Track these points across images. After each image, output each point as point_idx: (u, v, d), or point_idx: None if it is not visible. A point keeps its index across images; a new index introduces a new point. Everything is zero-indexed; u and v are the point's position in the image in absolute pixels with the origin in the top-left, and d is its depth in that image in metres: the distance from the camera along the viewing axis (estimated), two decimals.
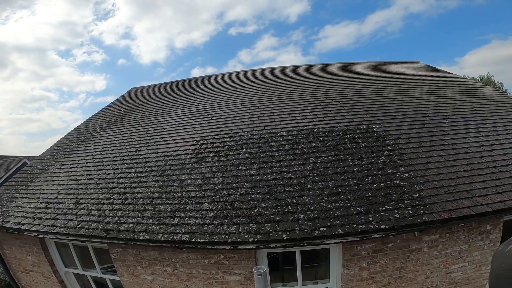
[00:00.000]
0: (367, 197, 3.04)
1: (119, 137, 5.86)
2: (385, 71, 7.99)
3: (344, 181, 3.32)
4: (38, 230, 3.60)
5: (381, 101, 5.53)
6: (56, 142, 6.80)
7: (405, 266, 2.97)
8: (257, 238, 2.72)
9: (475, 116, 4.84)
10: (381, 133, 4.25)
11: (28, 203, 4.37)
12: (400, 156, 3.68)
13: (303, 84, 7.13)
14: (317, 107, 5.37)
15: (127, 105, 8.26)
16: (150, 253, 3.35)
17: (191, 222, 3.08)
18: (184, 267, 3.25)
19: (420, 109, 5.09)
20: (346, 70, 8.31)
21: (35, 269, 4.38)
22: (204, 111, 6.22)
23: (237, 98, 6.67)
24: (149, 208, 3.46)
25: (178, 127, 5.63)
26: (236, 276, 3.11)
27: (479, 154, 3.67)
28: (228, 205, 3.22)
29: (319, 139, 4.23)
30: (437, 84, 6.67)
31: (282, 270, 3.45)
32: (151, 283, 3.45)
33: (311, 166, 3.64)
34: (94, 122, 7.46)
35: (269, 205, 3.11)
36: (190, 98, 7.50)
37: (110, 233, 3.18)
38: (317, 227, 2.70)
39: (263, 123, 4.99)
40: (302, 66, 9.37)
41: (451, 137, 4.10)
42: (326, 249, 3.08)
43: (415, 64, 9.11)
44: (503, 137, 4.10)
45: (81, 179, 4.58)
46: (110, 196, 3.90)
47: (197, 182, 3.75)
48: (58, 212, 3.85)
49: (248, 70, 9.75)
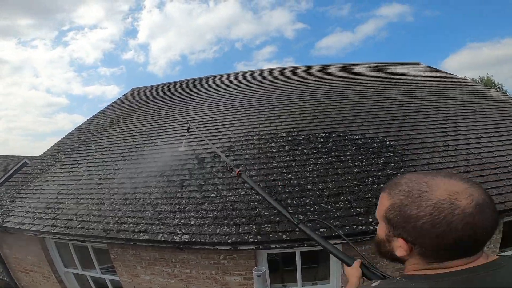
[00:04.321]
0: (367, 198, 3.03)
1: (120, 137, 5.86)
2: (386, 72, 7.99)
3: (344, 182, 3.32)
4: (38, 230, 3.60)
5: (382, 102, 5.53)
6: (57, 142, 6.81)
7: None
8: (257, 239, 2.72)
9: (476, 117, 4.84)
10: (381, 134, 4.25)
11: (28, 203, 4.37)
12: (400, 157, 3.68)
13: (304, 85, 7.13)
14: (318, 108, 5.37)
15: (128, 106, 8.26)
16: (150, 254, 3.34)
17: (191, 222, 3.08)
18: (184, 268, 3.24)
19: (420, 110, 5.09)
20: (346, 71, 8.31)
21: (35, 269, 4.38)
22: (205, 111, 6.22)
23: (237, 99, 6.67)
24: (149, 208, 3.46)
25: (179, 127, 5.64)
26: (236, 276, 3.11)
27: (479, 155, 3.67)
28: (228, 206, 3.22)
29: (319, 140, 4.23)
30: (437, 85, 6.67)
31: (282, 271, 3.44)
32: (151, 284, 3.44)
33: (311, 167, 3.64)
34: (95, 122, 7.47)
35: (269, 206, 3.11)
36: (191, 99, 7.50)
37: (110, 233, 3.18)
38: (317, 228, 2.70)
39: (263, 123, 4.99)
40: (303, 67, 9.37)
41: (451, 138, 4.10)
42: None
43: (415, 65, 9.11)
44: (503, 138, 4.10)
45: (81, 179, 4.59)
46: (110, 196, 3.90)
47: (197, 182, 3.75)
48: (58, 212, 3.86)
49: (248, 71, 9.75)
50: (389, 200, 0.64)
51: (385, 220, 0.65)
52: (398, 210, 0.61)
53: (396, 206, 0.61)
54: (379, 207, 0.68)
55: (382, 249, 0.70)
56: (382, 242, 0.69)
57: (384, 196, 0.66)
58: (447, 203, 0.55)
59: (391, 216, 0.63)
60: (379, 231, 0.70)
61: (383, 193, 0.68)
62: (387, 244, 0.67)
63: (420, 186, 0.59)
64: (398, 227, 0.62)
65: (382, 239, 0.69)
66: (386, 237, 0.67)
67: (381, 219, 0.67)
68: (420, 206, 0.57)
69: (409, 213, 0.58)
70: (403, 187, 0.62)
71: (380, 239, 0.70)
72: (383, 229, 0.67)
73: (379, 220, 0.69)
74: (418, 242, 0.59)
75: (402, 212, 0.60)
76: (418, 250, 0.60)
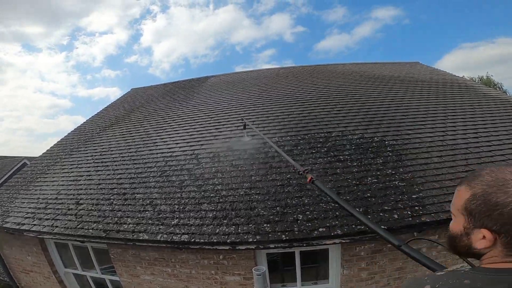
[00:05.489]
0: (366, 197, 3.04)
1: (119, 138, 5.87)
2: (385, 72, 8.00)
3: (343, 181, 3.33)
4: (38, 231, 3.61)
5: (381, 102, 5.53)
6: (56, 142, 6.81)
7: (404, 266, 2.98)
8: (256, 239, 2.72)
9: (474, 116, 4.84)
10: (380, 134, 4.26)
11: (28, 203, 4.37)
12: (399, 157, 3.68)
13: (304, 85, 7.14)
14: (317, 108, 5.38)
15: (127, 106, 8.26)
16: (150, 254, 3.35)
17: (190, 222, 3.09)
18: (184, 268, 3.25)
19: (420, 110, 5.09)
20: (345, 71, 8.31)
21: (35, 270, 4.39)
22: (204, 111, 6.23)
23: (236, 99, 6.67)
24: (149, 208, 3.46)
25: (178, 127, 5.64)
26: (235, 276, 3.11)
27: (477, 154, 3.67)
28: (227, 206, 3.23)
29: (318, 140, 4.23)
30: (436, 84, 6.67)
31: (282, 271, 3.45)
32: (151, 284, 3.45)
33: (310, 167, 3.64)
34: (94, 123, 7.47)
35: (268, 206, 3.12)
36: (190, 99, 7.50)
37: (109, 233, 3.19)
38: (316, 228, 2.71)
39: (262, 123, 5.00)
40: (302, 67, 9.37)
41: (450, 138, 4.10)
42: (325, 250, 3.09)
43: (414, 65, 9.12)
44: (502, 137, 4.10)
45: (81, 180, 4.59)
46: (110, 196, 3.91)
47: (196, 182, 3.76)
48: (58, 212, 3.86)
49: (248, 71, 9.75)
50: (470, 191, 0.64)
51: (465, 211, 0.65)
52: (481, 199, 0.61)
53: (479, 195, 0.62)
54: (456, 200, 0.68)
55: (458, 243, 0.69)
56: (459, 236, 0.68)
57: (462, 188, 0.67)
58: None
59: (473, 206, 0.63)
60: (454, 226, 0.69)
61: (460, 187, 0.68)
62: (465, 238, 0.66)
63: (505, 175, 0.60)
64: (481, 217, 0.61)
65: (459, 233, 0.68)
66: (465, 230, 0.66)
67: (459, 212, 0.67)
68: (507, 192, 0.58)
69: (495, 200, 0.59)
70: (485, 178, 0.63)
71: (455, 233, 0.69)
72: (461, 222, 0.67)
73: (456, 214, 0.69)
74: (505, 230, 0.59)
75: (487, 200, 0.60)
76: (503, 240, 0.60)
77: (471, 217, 0.63)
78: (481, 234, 0.62)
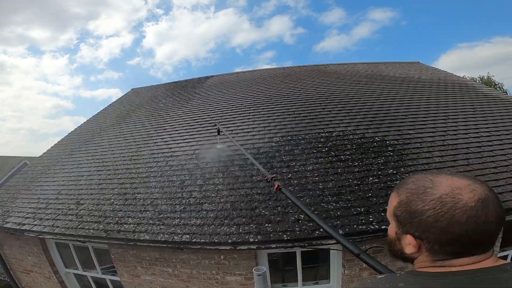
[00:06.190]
0: (367, 197, 3.04)
1: (120, 138, 5.86)
2: (385, 72, 7.99)
3: (344, 181, 3.32)
4: (38, 231, 3.60)
5: (382, 101, 5.52)
6: (57, 142, 6.81)
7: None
8: (258, 239, 2.72)
9: (476, 116, 4.83)
10: (381, 134, 4.25)
11: (29, 203, 4.37)
12: (400, 157, 3.68)
13: (305, 85, 7.13)
14: (318, 108, 5.37)
15: (128, 106, 8.26)
16: (151, 254, 3.35)
17: (191, 222, 3.08)
18: (185, 268, 3.24)
19: (420, 110, 5.08)
20: (346, 71, 8.31)
21: (36, 270, 4.38)
22: (205, 111, 6.22)
23: (237, 99, 6.67)
24: (150, 208, 3.46)
25: (179, 127, 5.64)
26: (236, 276, 3.11)
27: (479, 154, 3.67)
28: (228, 206, 3.22)
29: (319, 139, 4.23)
30: (437, 84, 6.67)
31: (283, 271, 3.45)
32: (152, 284, 3.45)
33: (311, 167, 3.64)
34: (95, 123, 7.47)
35: (270, 206, 3.11)
36: (191, 99, 7.50)
37: (110, 233, 3.18)
38: (318, 228, 2.70)
39: (263, 123, 4.99)
40: (303, 67, 9.35)
41: (451, 137, 4.09)
42: (327, 250, 3.08)
43: (415, 64, 9.11)
44: (503, 137, 4.09)
45: (81, 180, 4.59)
46: (110, 196, 3.91)
47: (197, 182, 3.76)
48: (58, 212, 3.86)
49: (249, 71, 9.74)
50: (397, 198, 0.67)
51: (395, 217, 0.67)
52: (404, 206, 0.64)
53: (403, 202, 0.64)
54: (389, 206, 0.71)
55: (393, 248, 0.72)
56: (393, 241, 0.71)
57: (393, 195, 0.69)
58: (449, 197, 0.57)
59: (398, 213, 0.65)
60: (390, 231, 0.72)
61: (392, 193, 0.71)
62: (397, 243, 0.69)
63: (425, 183, 0.62)
64: (405, 223, 0.64)
65: (392, 238, 0.71)
66: (396, 235, 0.69)
67: (391, 218, 0.70)
68: (425, 200, 0.59)
69: (414, 208, 0.61)
70: (409, 185, 0.65)
71: (390, 238, 0.72)
72: (393, 227, 0.69)
73: (390, 220, 0.71)
74: (425, 237, 0.61)
75: (408, 208, 0.62)
76: (426, 245, 0.62)
77: (399, 223, 0.66)
78: (407, 239, 0.64)
